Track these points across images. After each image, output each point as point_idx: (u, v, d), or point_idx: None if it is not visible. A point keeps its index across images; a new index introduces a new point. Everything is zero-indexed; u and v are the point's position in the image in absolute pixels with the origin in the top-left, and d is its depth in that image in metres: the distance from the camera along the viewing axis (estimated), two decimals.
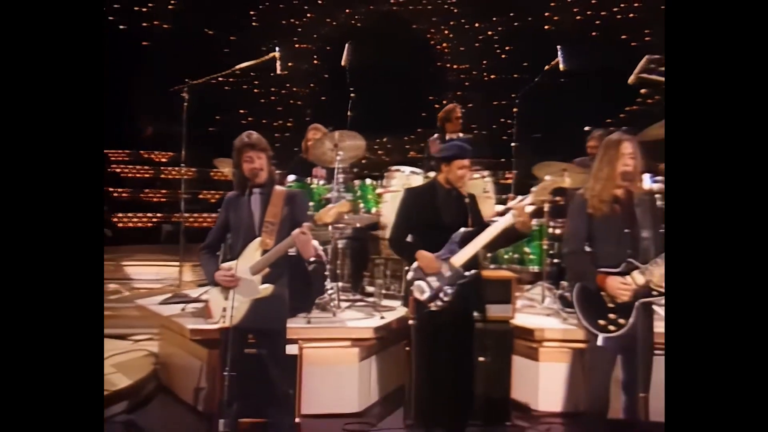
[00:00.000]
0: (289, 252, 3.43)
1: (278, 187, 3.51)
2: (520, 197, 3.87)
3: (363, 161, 5.52)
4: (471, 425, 3.98)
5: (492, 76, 11.49)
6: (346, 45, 5.06)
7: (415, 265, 3.72)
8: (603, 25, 10.99)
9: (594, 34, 10.91)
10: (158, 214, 8.47)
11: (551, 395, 4.35)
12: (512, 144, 5.50)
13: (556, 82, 6.59)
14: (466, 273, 3.70)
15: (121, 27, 10.01)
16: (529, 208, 3.71)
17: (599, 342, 3.22)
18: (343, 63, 5.01)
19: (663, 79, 5.26)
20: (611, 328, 3.21)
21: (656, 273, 3.17)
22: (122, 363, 4.78)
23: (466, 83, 11.40)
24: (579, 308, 3.29)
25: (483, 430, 4.03)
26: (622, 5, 10.96)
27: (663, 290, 3.18)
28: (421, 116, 8.98)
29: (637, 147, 3.39)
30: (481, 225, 3.79)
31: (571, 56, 5.10)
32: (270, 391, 3.51)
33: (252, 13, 10.46)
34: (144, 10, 10.17)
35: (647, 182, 4.57)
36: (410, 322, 3.84)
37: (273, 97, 11.18)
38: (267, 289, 3.37)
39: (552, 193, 4.72)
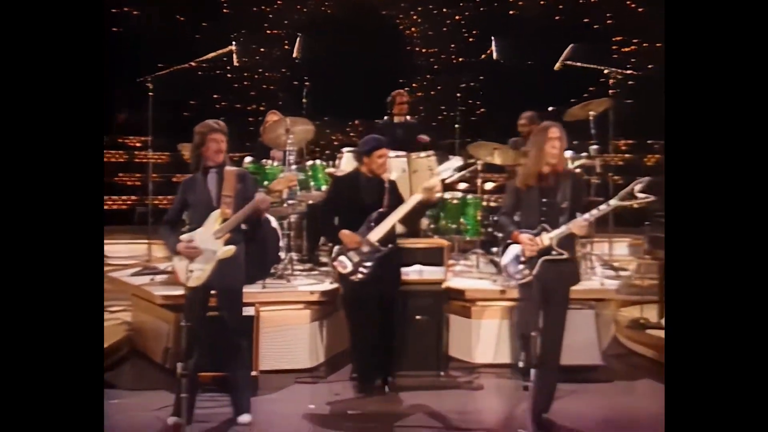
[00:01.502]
0: (242, 227, 4.07)
1: (228, 168, 4.14)
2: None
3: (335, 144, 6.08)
4: (407, 375, 4.69)
5: (460, 59, 12.01)
6: (298, 37, 5.70)
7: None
8: (565, 9, 11.49)
9: (557, 18, 11.43)
10: (132, 197, 9.10)
11: (485, 348, 5.06)
12: (455, 125, 6.16)
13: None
14: (383, 248, 4.35)
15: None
16: (435, 181, 4.38)
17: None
18: (295, 54, 5.64)
19: (589, 65, 5.96)
20: (518, 274, 3.96)
21: (555, 238, 3.88)
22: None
23: (435, 66, 11.95)
24: (504, 261, 4.05)
25: (417, 379, 4.73)
26: None
27: (563, 253, 3.90)
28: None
29: (562, 132, 4.08)
30: (396, 207, 4.41)
31: (504, 47, 5.74)
32: (229, 346, 4.15)
33: (222, 1, 10.95)
34: None
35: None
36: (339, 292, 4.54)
37: (246, 83, 11.63)
38: (230, 250, 3.96)
39: (485, 169, 5.43)
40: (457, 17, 11.90)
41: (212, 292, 4.08)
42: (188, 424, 3.76)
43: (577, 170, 5.13)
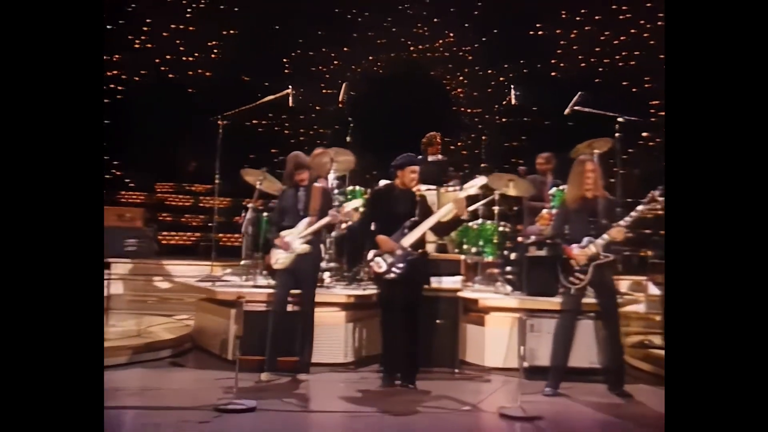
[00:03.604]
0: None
1: (316, 184, 5.67)
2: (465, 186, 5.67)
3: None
4: (424, 372, 5.64)
5: (503, 120, 13.23)
6: (343, 84, 7.09)
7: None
8: (605, 72, 12.62)
9: (597, 80, 12.54)
10: (196, 234, 10.65)
11: (496, 354, 6.02)
12: (482, 165, 7.35)
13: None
14: (414, 252, 5.34)
15: (170, 76, 12.37)
16: (463, 195, 5.47)
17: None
18: (339, 99, 7.01)
19: (595, 111, 7.08)
20: (577, 281, 5.14)
21: (600, 246, 5.12)
22: (167, 328, 6.73)
23: (480, 126, 13.21)
24: (560, 272, 5.24)
25: (434, 375, 5.70)
26: (623, 53, 12.67)
27: (609, 255, 5.15)
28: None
29: (596, 165, 5.31)
30: (427, 216, 5.42)
31: (523, 95, 6.97)
32: (303, 330, 5.56)
33: (285, 60, 12.62)
34: (191, 59, 12.48)
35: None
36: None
37: (301, 138, 13.16)
38: (306, 247, 5.54)
39: (503, 202, 6.57)
40: (501, 78, 13.21)
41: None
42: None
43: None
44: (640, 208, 5.08)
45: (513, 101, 7.07)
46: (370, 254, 5.36)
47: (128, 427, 4.36)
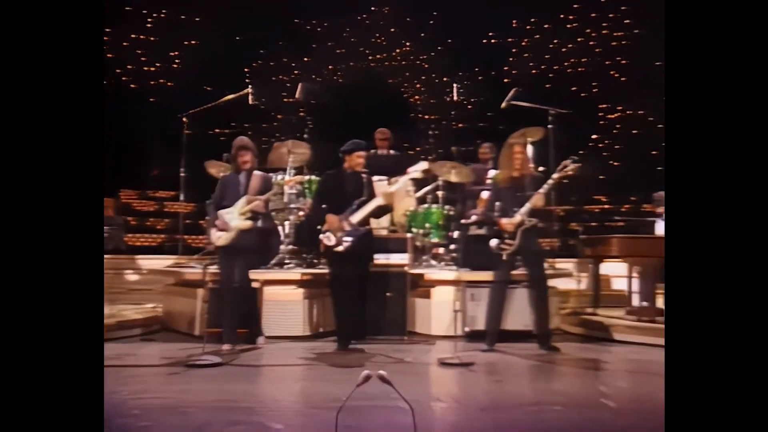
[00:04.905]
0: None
1: (257, 171, 6.28)
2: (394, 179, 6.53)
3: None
4: (375, 340, 6.44)
5: (460, 125, 14.12)
6: (299, 84, 7.98)
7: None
8: (555, 78, 13.60)
9: (547, 86, 13.51)
10: (162, 235, 11.36)
11: (441, 323, 6.85)
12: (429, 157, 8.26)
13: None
14: (360, 228, 6.17)
15: (132, 86, 13.08)
16: (392, 188, 6.45)
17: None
18: (297, 96, 7.91)
19: (529, 104, 8.02)
20: (507, 246, 6.00)
21: (524, 213, 5.99)
22: (137, 311, 7.47)
23: (436, 132, 14.09)
24: (494, 243, 6.08)
25: (383, 342, 6.50)
26: (572, 60, 13.69)
27: (532, 220, 6.00)
28: None
29: (522, 147, 6.23)
30: (371, 197, 6.26)
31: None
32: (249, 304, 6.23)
33: (246, 70, 13.39)
34: (152, 69, 13.21)
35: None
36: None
37: (264, 146, 13.87)
38: (248, 222, 6.10)
39: (447, 187, 7.45)
40: (455, 85, 14.14)
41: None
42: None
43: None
44: (555, 176, 5.99)
45: (455, 97, 8.00)
46: (323, 231, 6.14)
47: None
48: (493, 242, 6.06)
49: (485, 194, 7.31)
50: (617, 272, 8.05)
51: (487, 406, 4.45)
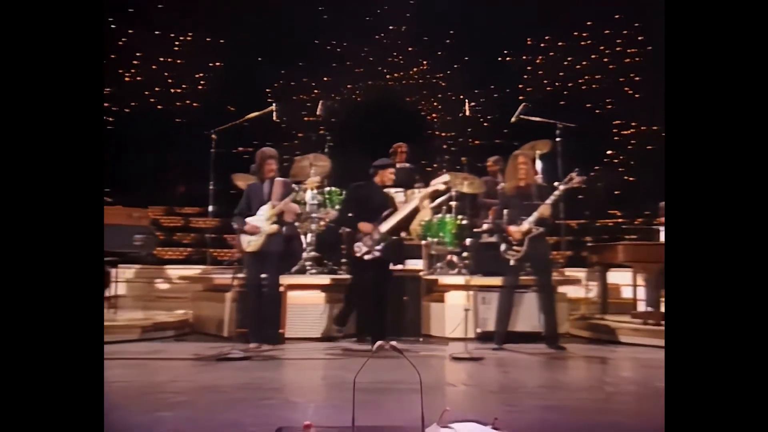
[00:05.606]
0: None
1: (279, 178, 6.84)
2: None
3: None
4: (392, 338, 6.95)
5: (476, 141, 14.65)
6: (320, 102, 8.64)
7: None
8: (569, 95, 14.08)
9: (562, 102, 14.00)
10: (188, 249, 12.05)
11: (455, 326, 7.36)
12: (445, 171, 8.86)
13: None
14: (391, 237, 6.73)
15: (158, 107, 13.82)
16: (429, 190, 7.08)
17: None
18: (318, 113, 8.57)
19: (538, 119, 8.58)
20: (515, 252, 6.52)
21: (532, 222, 6.52)
22: (169, 316, 8.09)
23: (453, 149, 14.62)
24: (502, 248, 6.63)
25: (401, 341, 7.01)
26: (586, 77, 14.18)
27: (540, 228, 6.52)
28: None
29: (528, 158, 6.79)
30: (395, 210, 6.83)
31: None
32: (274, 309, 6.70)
33: (268, 90, 14.07)
34: (179, 91, 13.96)
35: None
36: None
37: (285, 164, 14.49)
38: (274, 227, 6.62)
39: (460, 197, 8.02)
40: (472, 103, 14.69)
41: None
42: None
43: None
44: (561, 187, 6.53)
45: (467, 113, 8.62)
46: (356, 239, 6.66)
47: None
48: (501, 248, 6.60)
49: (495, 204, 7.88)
50: (626, 281, 8.58)
51: (497, 389, 5.01)
